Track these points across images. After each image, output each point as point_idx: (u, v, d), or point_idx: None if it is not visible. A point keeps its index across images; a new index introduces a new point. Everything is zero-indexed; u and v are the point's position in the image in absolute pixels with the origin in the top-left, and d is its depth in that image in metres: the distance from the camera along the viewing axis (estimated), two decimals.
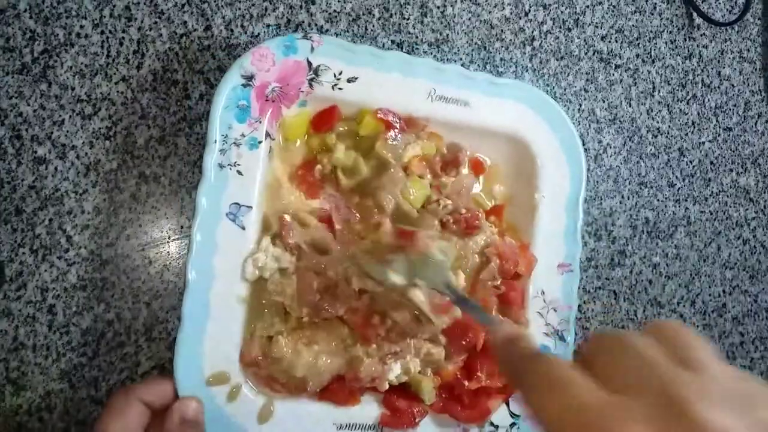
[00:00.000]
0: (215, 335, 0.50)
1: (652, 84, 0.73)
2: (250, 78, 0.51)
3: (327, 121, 0.55)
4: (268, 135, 0.53)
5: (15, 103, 0.51)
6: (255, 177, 0.52)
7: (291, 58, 0.53)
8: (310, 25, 0.59)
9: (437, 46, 0.64)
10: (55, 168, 0.52)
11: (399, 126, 0.56)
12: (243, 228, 0.52)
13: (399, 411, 0.54)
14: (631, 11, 0.73)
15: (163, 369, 0.54)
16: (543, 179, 0.60)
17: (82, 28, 0.53)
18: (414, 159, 0.57)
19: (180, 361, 0.49)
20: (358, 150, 0.56)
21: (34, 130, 0.52)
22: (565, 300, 0.60)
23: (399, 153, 0.56)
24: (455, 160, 0.58)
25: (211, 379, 0.50)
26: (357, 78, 0.54)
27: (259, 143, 0.52)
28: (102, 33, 0.54)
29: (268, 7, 0.58)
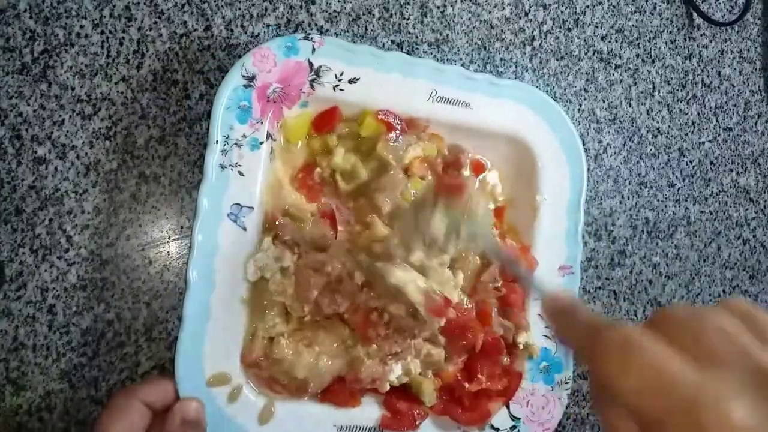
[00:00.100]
0: (216, 336, 0.50)
1: (652, 84, 0.73)
2: (251, 79, 0.51)
3: (328, 122, 0.55)
4: (269, 136, 0.53)
5: (15, 103, 0.51)
6: (256, 178, 0.52)
7: (292, 58, 0.53)
8: (310, 26, 0.59)
9: (437, 46, 0.63)
10: (55, 168, 0.52)
11: (400, 127, 0.56)
12: (244, 229, 0.52)
13: (399, 413, 0.54)
14: (631, 11, 0.73)
15: (163, 369, 0.54)
16: (543, 180, 0.60)
17: (82, 28, 0.53)
18: (415, 160, 0.57)
19: (181, 362, 0.49)
20: (359, 151, 0.56)
21: (34, 130, 0.52)
22: None
23: (400, 154, 0.56)
24: (456, 161, 0.58)
25: (212, 380, 0.50)
26: (358, 79, 0.54)
27: (261, 144, 0.52)
28: (102, 33, 0.54)
29: (268, 7, 0.58)
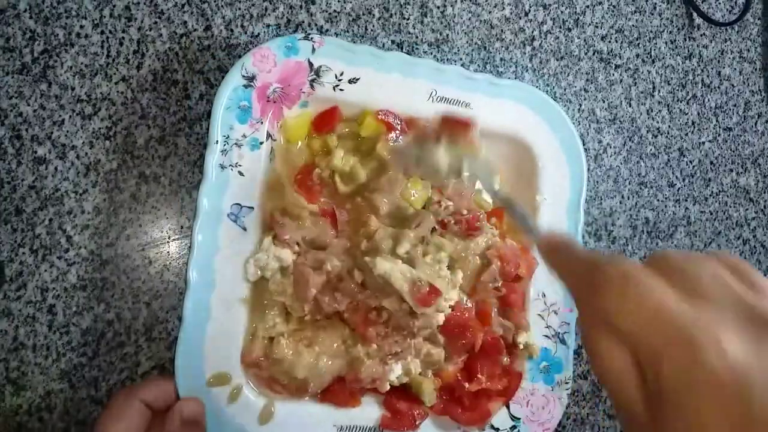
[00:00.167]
0: (216, 336, 0.50)
1: (652, 84, 0.73)
2: (251, 79, 0.51)
3: (328, 122, 0.55)
4: (269, 136, 0.53)
5: (15, 103, 0.51)
6: (256, 178, 0.52)
7: (292, 58, 0.53)
8: (310, 25, 0.59)
9: (437, 46, 0.63)
10: (55, 168, 0.52)
11: (400, 127, 0.56)
12: (244, 229, 0.52)
13: (399, 413, 0.54)
14: (631, 11, 0.73)
15: (163, 369, 0.54)
16: (543, 180, 0.60)
17: (82, 28, 0.53)
18: None
19: (181, 362, 0.49)
20: (358, 152, 0.56)
21: (34, 130, 0.52)
22: (566, 302, 0.60)
23: None
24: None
25: (212, 380, 0.50)
26: (358, 79, 0.54)
27: (261, 144, 0.52)
28: (102, 33, 0.54)
29: (268, 7, 0.58)
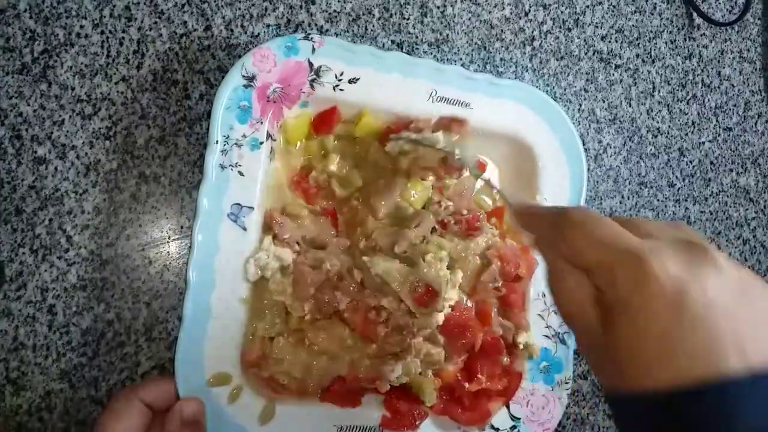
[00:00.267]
0: (216, 336, 0.50)
1: (652, 84, 0.73)
2: (251, 79, 0.51)
3: (327, 123, 0.55)
4: (269, 136, 0.53)
5: (15, 103, 0.51)
6: (256, 178, 0.52)
7: (292, 58, 0.53)
8: (310, 25, 0.59)
9: (437, 46, 0.63)
10: (55, 168, 0.52)
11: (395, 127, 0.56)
12: (244, 229, 0.52)
13: (399, 413, 0.54)
14: (631, 11, 0.73)
15: (163, 369, 0.54)
16: (544, 180, 0.60)
17: (82, 28, 0.53)
18: (414, 164, 0.56)
19: (181, 362, 0.49)
20: (355, 154, 0.56)
21: (34, 130, 0.52)
22: None
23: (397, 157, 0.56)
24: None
25: (212, 380, 0.50)
26: (358, 79, 0.54)
27: (261, 144, 0.52)
28: (102, 33, 0.54)
29: (268, 7, 0.58)
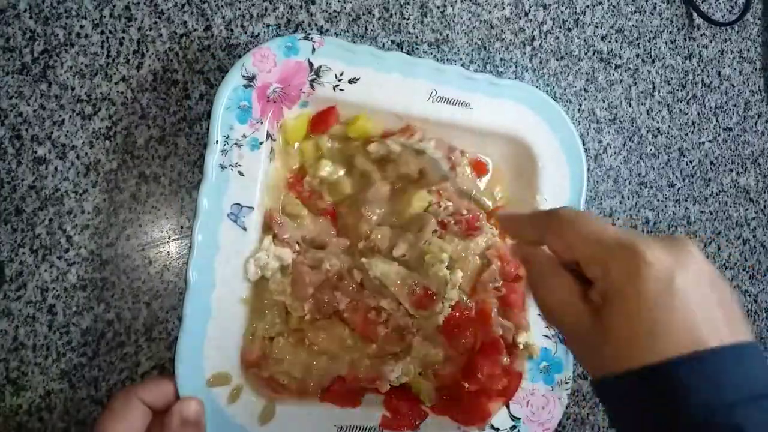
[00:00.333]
0: (216, 336, 0.50)
1: (652, 84, 0.73)
2: (251, 79, 0.51)
3: (324, 122, 0.55)
4: (269, 136, 0.53)
5: (15, 103, 0.51)
6: (256, 178, 0.52)
7: (292, 58, 0.53)
8: (310, 25, 0.59)
9: (437, 46, 0.63)
10: (55, 168, 0.52)
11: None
12: (244, 229, 0.51)
13: (399, 413, 0.54)
14: (631, 11, 0.73)
15: (163, 369, 0.54)
16: (544, 180, 0.60)
17: (82, 28, 0.53)
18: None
19: (181, 362, 0.49)
20: (346, 161, 0.56)
21: (34, 130, 0.52)
22: None
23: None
24: (449, 162, 0.57)
25: (212, 380, 0.50)
26: (358, 79, 0.54)
27: (261, 144, 0.52)
28: (102, 33, 0.54)
29: (268, 7, 0.58)
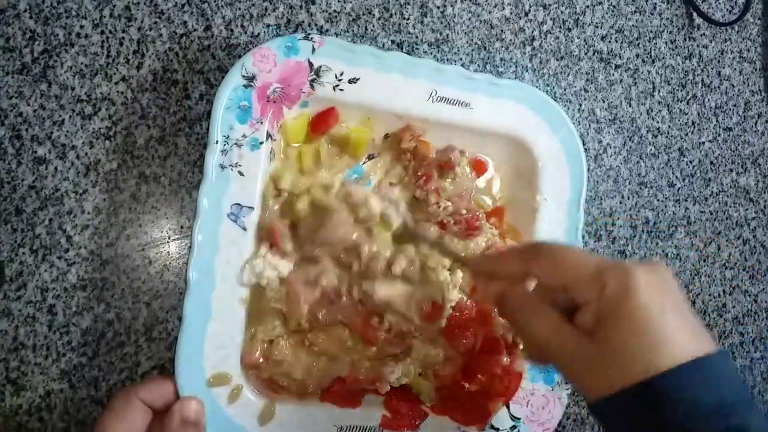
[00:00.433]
0: (216, 336, 0.50)
1: (652, 84, 0.73)
2: (251, 79, 0.51)
3: (325, 123, 0.55)
4: (269, 136, 0.53)
5: (15, 103, 0.51)
6: (256, 178, 0.52)
7: (292, 58, 0.52)
8: (310, 25, 0.59)
9: (437, 46, 0.63)
10: (55, 168, 0.52)
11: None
12: (244, 229, 0.51)
13: (399, 413, 0.54)
14: (631, 11, 0.73)
15: (163, 369, 0.54)
16: (543, 180, 0.60)
17: (82, 28, 0.53)
18: (385, 179, 0.57)
19: (181, 362, 0.49)
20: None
21: (34, 130, 0.52)
22: None
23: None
24: (448, 162, 0.57)
25: (212, 380, 0.50)
26: (358, 79, 0.54)
27: (261, 144, 0.52)
28: (102, 33, 0.54)
29: (268, 7, 0.58)
